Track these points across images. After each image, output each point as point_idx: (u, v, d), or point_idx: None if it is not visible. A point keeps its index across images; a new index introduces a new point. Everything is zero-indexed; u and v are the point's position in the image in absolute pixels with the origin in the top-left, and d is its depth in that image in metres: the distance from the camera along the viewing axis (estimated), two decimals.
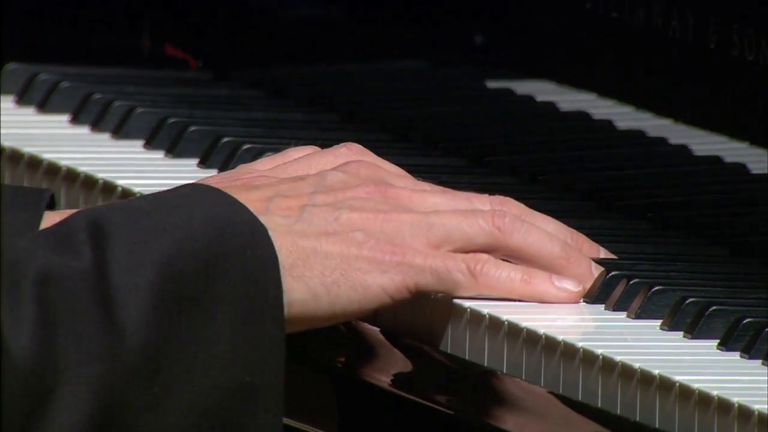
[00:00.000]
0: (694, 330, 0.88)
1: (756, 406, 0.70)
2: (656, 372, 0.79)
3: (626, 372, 0.81)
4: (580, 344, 0.84)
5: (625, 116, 1.57)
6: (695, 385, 0.76)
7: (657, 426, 0.79)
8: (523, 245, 0.93)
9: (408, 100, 1.68)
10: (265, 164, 1.06)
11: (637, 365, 0.81)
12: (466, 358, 0.92)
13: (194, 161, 1.40)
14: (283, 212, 0.91)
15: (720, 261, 1.08)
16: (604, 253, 0.99)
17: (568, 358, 0.85)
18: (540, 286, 0.91)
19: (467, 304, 0.92)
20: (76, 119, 1.55)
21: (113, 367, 0.82)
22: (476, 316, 0.91)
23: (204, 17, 1.83)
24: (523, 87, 1.70)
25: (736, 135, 1.43)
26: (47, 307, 0.81)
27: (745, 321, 0.84)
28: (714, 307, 0.88)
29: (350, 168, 0.98)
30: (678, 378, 0.77)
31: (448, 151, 1.38)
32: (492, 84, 1.73)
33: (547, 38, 1.74)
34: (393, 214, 0.92)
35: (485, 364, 0.91)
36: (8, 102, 1.59)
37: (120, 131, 1.50)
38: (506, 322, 0.89)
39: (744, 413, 0.71)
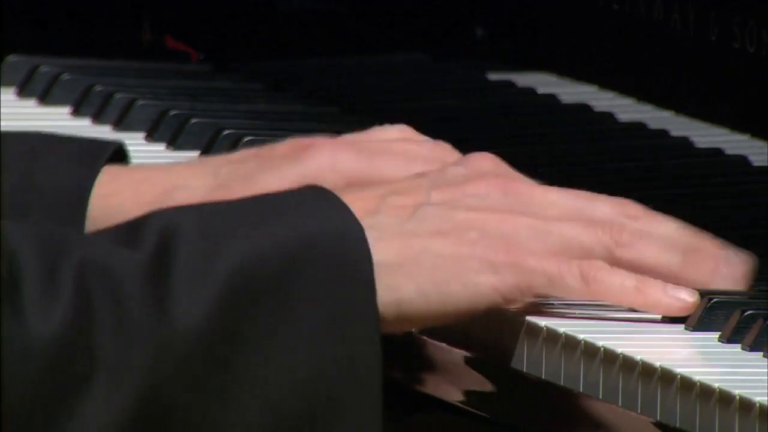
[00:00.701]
0: (695, 323, 0.88)
1: (757, 399, 0.70)
2: (657, 364, 0.79)
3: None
4: (638, 357, 0.83)
5: (625, 108, 1.57)
6: (697, 378, 0.76)
7: (658, 419, 0.79)
8: (641, 258, 0.91)
9: (408, 93, 1.68)
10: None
11: (638, 358, 0.81)
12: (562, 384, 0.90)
13: (195, 153, 1.39)
14: (396, 211, 0.89)
15: None
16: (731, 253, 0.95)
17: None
18: (653, 296, 0.88)
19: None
20: (77, 111, 1.55)
21: (160, 357, 0.81)
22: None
23: (204, 10, 1.83)
24: (524, 79, 1.69)
25: (737, 127, 1.43)
26: (86, 291, 0.80)
27: (746, 313, 0.84)
28: (715, 300, 0.88)
29: (472, 161, 0.97)
30: (679, 371, 0.77)
31: (449, 143, 1.37)
32: (493, 76, 1.73)
33: (547, 30, 1.74)
34: (511, 216, 0.91)
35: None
36: (9, 94, 1.59)
37: (121, 123, 1.50)
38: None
39: (745, 406, 0.71)
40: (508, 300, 0.88)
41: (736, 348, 0.83)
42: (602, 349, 0.84)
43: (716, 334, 0.86)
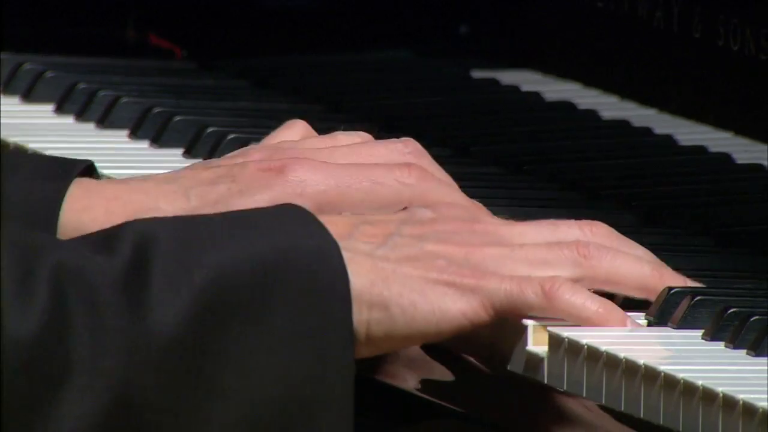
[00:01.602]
0: (680, 320, 0.88)
1: (741, 396, 0.70)
2: (641, 362, 0.80)
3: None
4: (622, 355, 0.83)
5: (609, 106, 1.57)
6: (680, 375, 0.76)
7: (642, 416, 0.79)
8: (612, 269, 0.92)
9: (393, 90, 1.69)
10: (313, 143, 1.08)
11: (622, 355, 0.81)
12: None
13: (179, 151, 1.39)
14: (367, 238, 0.90)
15: (705, 251, 1.09)
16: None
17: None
18: (611, 323, 0.89)
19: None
20: (60, 109, 1.54)
21: (135, 361, 0.81)
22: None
23: (189, 7, 1.83)
24: (508, 77, 1.70)
25: (720, 125, 1.44)
26: (62, 295, 0.80)
27: (730, 311, 0.85)
28: (699, 297, 0.88)
29: (441, 208, 0.97)
30: (663, 368, 0.78)
31: (434, 140, 1.37)
32: (477, 74, 1.73)
33: (532, 28, 1.74)
34: (478, 248, 0.92)
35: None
36: None
37: (105, 121, 1.50)
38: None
39: (729, 403, 0.72)
40: (474, 323, 0.89)
41: (719, 345, 0.83)
42: (586, 347, 0.84)
43: (699, 332, 0.86)
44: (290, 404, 0.84)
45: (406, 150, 1.04)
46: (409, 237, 0.91)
